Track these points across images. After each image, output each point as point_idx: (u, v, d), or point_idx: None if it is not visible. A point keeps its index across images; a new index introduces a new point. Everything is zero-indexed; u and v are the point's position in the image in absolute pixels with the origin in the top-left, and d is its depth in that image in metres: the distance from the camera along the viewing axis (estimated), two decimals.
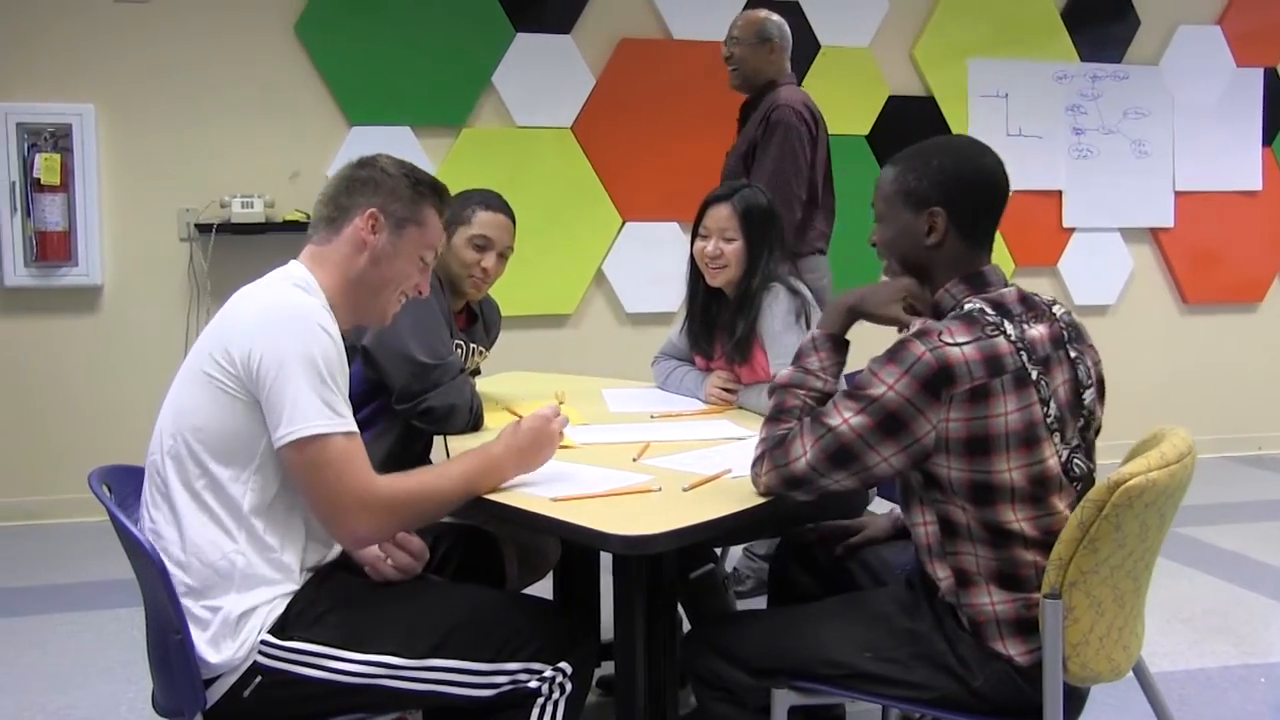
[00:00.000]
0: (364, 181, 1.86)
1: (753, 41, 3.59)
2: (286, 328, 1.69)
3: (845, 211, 3.84)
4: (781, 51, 3.68)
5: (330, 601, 1.72)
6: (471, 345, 2.63)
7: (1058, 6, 5.43)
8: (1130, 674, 1.80)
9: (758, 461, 1.78)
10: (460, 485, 1.79)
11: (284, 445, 1.65)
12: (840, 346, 1.88)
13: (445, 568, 2.13)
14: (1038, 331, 1.70)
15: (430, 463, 2.49)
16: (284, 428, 1.64)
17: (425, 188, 1.89)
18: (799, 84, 3.64)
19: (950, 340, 1.62)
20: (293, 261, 1.86)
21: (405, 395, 2.33)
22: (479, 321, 2.72)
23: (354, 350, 2.28)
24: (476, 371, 2.43)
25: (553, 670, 1.72)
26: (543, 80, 4.83)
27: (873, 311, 1.85)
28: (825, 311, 1.92)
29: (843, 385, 1.85)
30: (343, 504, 1.67)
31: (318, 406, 1.65)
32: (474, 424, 2.39)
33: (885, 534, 2.12)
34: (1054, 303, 1.80)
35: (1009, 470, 1.63)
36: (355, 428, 1.70)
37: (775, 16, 3.69)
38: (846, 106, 5.18)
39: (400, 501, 1.72)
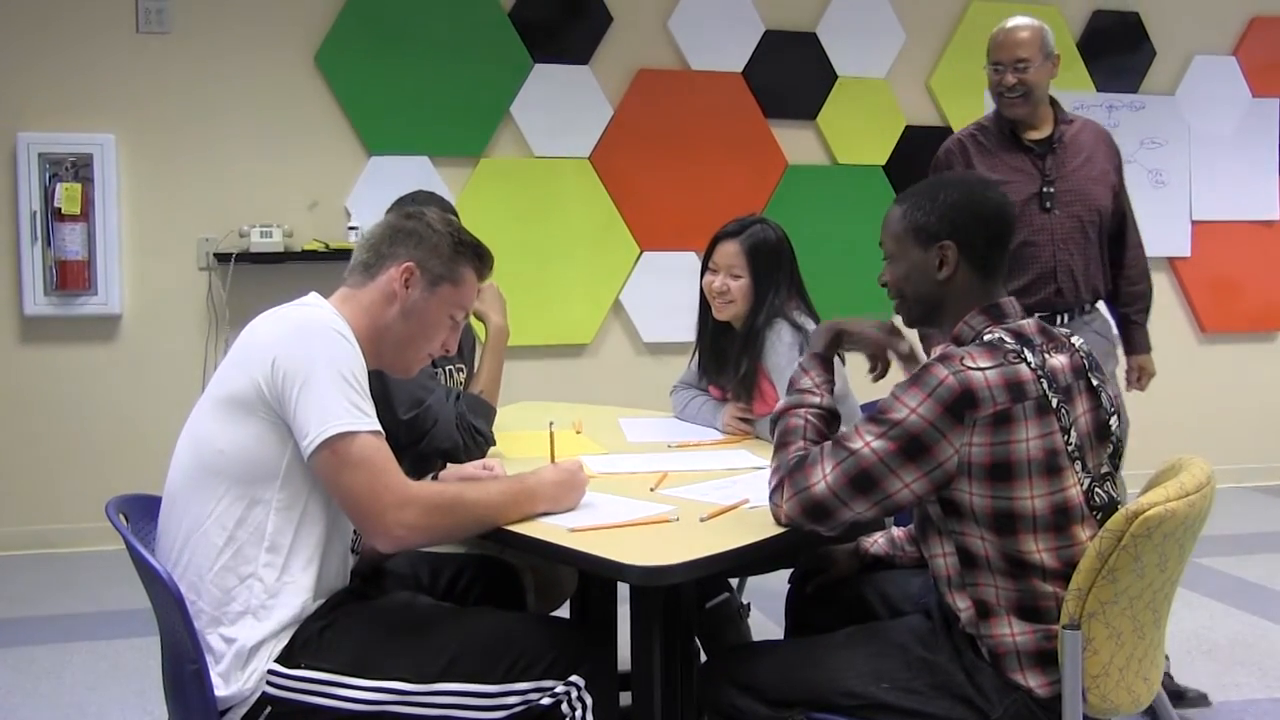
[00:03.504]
0: (408, 233, 1.87)
1: (1040, 60, 3.01)
2: (305, 338, 1.71)
3: (861, 242, 3.85)
4: (1059, 61, 3.10)
5: (338, 628, 1.72)
6: (448, 367, 2.62)
7: (1074, 37, 5.45)
8: (1151, 706, 1.79)
9: (777, 489, 1.77)
10: (495, 503, 1.80)
11: (314, 449, 1.65)
12: (828, 365, 1.92)
13: (466, 598, 2.13)
14: (1059, 361, 1.71)
15: None
16: (313, 431, 1.65)
17: (467, 248, 1.90)
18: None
19: (973, 365, 1.63)
20: (312, 293, 1.88)
21: (410, 444, 2.33)
22: None
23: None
24: (459, 395, 2.42)
25: (564, 686, 1.71)
26: (561, 110, 4.86)
27: (852, 332, 1.94)
28: (810, 336, 1.97)
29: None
30: (381, 502, 1.67)
31: (344, 406, 1.66)
32: (481, 450, 2.39)
33: (851, 569, 2.13)
34: (1071, 334, 1.82)
35: (1031, 498, 1.63)
36: (381, 429, 1.71)
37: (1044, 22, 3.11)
38: (864, 137, 5.21)
39: (437, 504, 1.73)
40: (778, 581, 2.29)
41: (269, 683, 1.67)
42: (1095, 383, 1.76)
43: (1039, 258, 2.96)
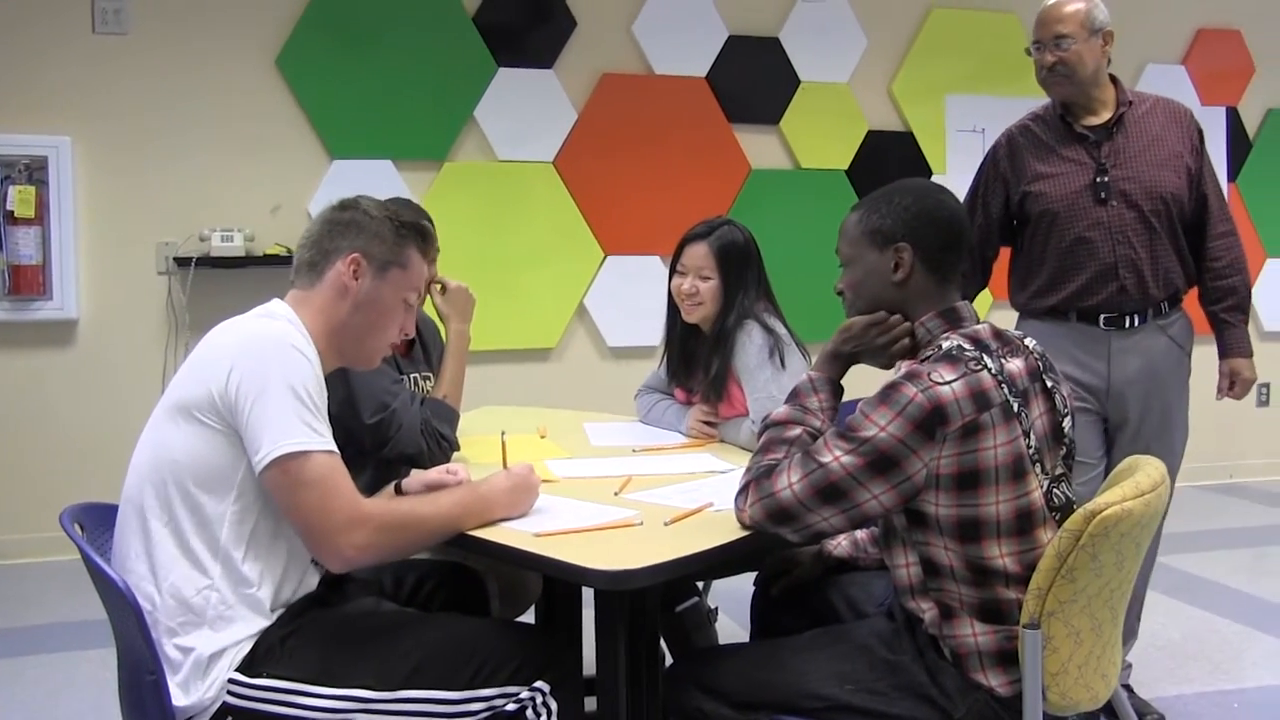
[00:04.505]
0: (346, 224, 1.86)
1: (1085, 36, 2.74)
2: (262, 353, 1.70)
3: (824, 246, 3.86)
4: (1113, 37, 2.80)
5: (301, 636, 1.71)
6: (414, 375, 2.61)
7: None
8: (1108, 703, 1.81)
9: (742, 493, 1.78)
10: (448, 515, 1.79)
11: (266, 466, 1.64)
12: (838, 391, 1.89)
13: (430, 604, 2.12)
14: (1015, 365, 1.72)
15: None
16: (265, 448, 1.64)
17: (408, 229, 1.90)
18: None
19: (940, 380, 1.63)
20: (275, 300, 1.86)
21: (374, 448, 2.32)
22: (416, 343, 2.69)
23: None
24: (424, 401, 2.41)
25: (529, 691, 1.71)
26: (525, 114, 4.86)
27: (869, 361, 1.87)
28: (821, 356, 1.91)
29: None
30: (332, 523, 1.66)
31: (297, 425, 1.65)
32: (445, 455, 2.37)
33: (814, 571, 2.14)
34: (1024, 336, 1.84)
35: (996, 504, 1.65)
36: (336, 449, 1.70)
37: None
38: (826, 141, 5.24)
39: (388, 522, 1.72)
40: (743, 585, 2.30)
41: (230, 692, 1.65)
42: (1049, 384, 1.78)
43: (1096, 254, 2.72)
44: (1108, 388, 2.77)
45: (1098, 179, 2.72)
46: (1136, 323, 2.76)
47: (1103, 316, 2.76)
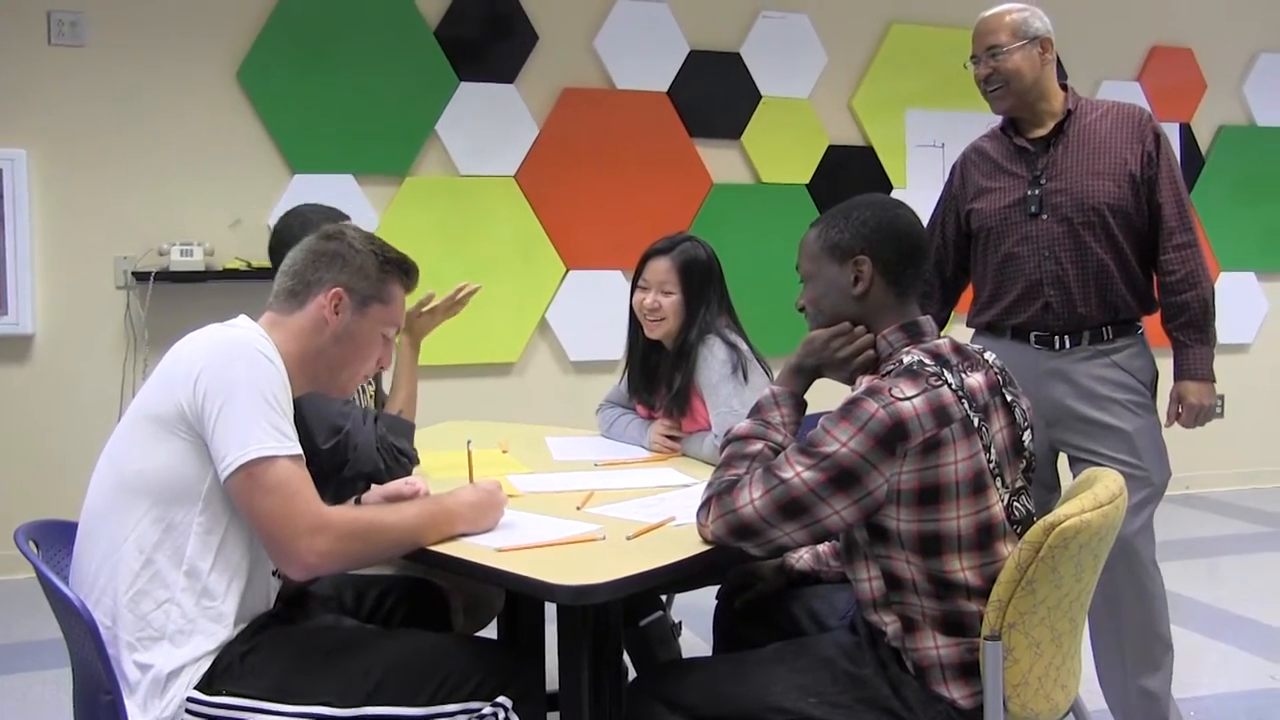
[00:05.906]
0: (330, 256, 1.85)
1: (1018, 44, 2.64)
2: (229, 358, 1.69)
3: (785, 260, 3.89)
4: (1053, 46, 2.69)
5: (260, 653, 1.69)
6: (362, 386, 2.58)
7: None
8: (1069, 712, 1.83)
9: (703, 508, 1.78)
10: (411, 525, 1.78)
11: (230, 472, 1.63)
12: (800, 406, 1.90)
13: (392, 619, 2.11)
14: (975, 380, 1.74)
15: None
16: (231, 454, 1.63)
17: (392, 266, 1.89)
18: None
19: (901, 395, 1.65)
20: (241, 316, 1.85)
21: (333, 471, 2.30)
22: None
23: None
24: (377, 418, 2.40)
25: (492, 707, 1.70)
26: (486, 129, 4.86)
27: (832, 375, 1.88)
28: (784, 370, 1.91)
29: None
30: (294, 529, 1.64)
31: (264, 429, 1.64)
32: (405, 469, 2.36)
33: (777, 584, 2.15)
34: (984, 350, 1.85)
35: (957, 518, 1.66)
36: (301, 452, 1.69)
37: (1035, 8, 2.71)
38: (787, 156, 5.28)
39: (351, 530, 1.71)
40: (706, 599, 2.31)
41: (188, 710, 1.63)
42: (1010, 398, 1.80)
43: (1023, 270, 2.62)
44: (1039, 409, 2.57)
45: (1029, 192, 2.63)
46: (1069, 344, 2.63)
47: (1033, 335, 2.66)
